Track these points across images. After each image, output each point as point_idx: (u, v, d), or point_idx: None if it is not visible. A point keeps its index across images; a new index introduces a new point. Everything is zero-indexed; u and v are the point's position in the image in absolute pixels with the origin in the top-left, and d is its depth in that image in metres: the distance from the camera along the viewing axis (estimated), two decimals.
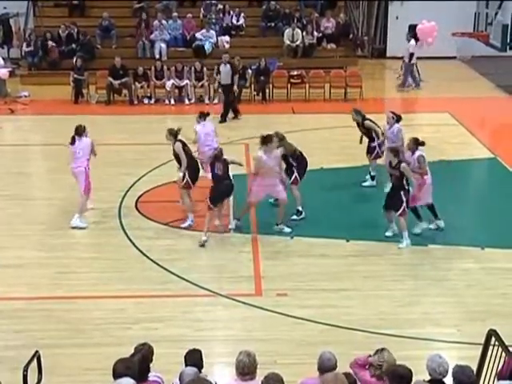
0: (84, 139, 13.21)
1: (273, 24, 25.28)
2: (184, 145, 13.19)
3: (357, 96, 22.25)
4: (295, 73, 22.59)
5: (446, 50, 25.93)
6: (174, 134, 13.18)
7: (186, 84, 22.06)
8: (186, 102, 21.98)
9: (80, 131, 13.24)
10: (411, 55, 23.38)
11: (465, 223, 13.52)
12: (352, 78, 22.81)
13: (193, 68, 22.22)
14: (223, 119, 19.84)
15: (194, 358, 6.97)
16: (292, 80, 22.48)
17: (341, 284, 11.18)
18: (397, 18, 27.49)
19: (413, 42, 23.47)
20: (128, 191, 14.73)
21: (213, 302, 10.75)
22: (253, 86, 21.92)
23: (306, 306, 10.54)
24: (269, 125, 18.57)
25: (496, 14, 22.86)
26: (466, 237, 12.86)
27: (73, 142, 13.20)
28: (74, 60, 22.47)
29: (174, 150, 13.14)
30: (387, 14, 28.26)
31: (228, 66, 20.37)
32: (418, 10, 25.26)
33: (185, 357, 7.03)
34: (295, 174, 13.51)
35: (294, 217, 13.54)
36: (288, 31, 24.53)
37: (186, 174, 13.14)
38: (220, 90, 21.01)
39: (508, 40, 22.15)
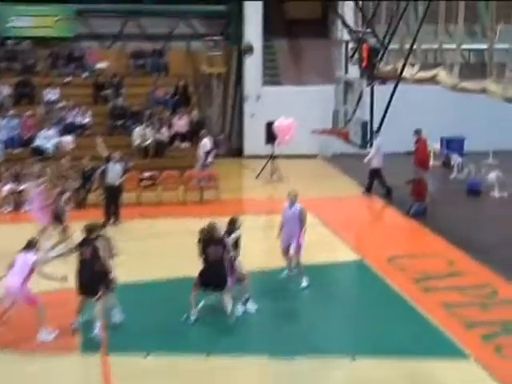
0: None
1: (121, 122, 25.39)
2: None
3: (213, 197, 22.49)
4: (146, 174, 22.59)
5: (306, 147, 26.79)
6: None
7: (26, 188, 21.56)
8: (26, 208, 21.42)
9: None
10: (207, 154, 23.56)
11: (333, 332, 13.71)
12: (208, 179, 23.03)
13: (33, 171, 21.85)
14: (107, 221, 19.64)
15: None
16: (143, 182, 22.47)
17: None
18: (253, 115, 28.24)
19: (206, 140, 23.62)
20: None
21: None
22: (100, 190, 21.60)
23: None
24: (116, 232, 18.37)
25: (355, 110, 23.92)
26: (335, 347, 13.00)
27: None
28: None
29: None
30: (242, 111, 29.01)
31: (118, 165, 20.27)
32: (275, 107, 26.06)
33: None
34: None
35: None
36: (138, 130, 24.66)
37: None
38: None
39: (368, 137, 23.18)
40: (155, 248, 17.51)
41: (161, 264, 16.29)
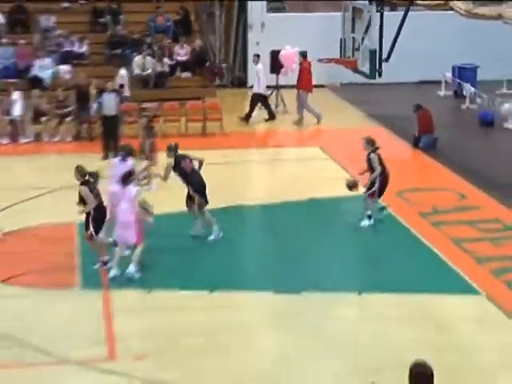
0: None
1: (119, 51, 25.20)
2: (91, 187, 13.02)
3: (217, 130, 22.43)
4: (147, 105, 22.33)
5: (313, 77, 26.62)
6: (82, 174, 13.13)
7: (23, 120, 21.56)
8: (22, 140, 21.47)
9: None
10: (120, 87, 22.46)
11: (340, 267, 13.85)
12: (211, 110, 22.97)
13: (29, 100, 21.84)
14: (106, 156, 19.66)
15: None
16: (144, 113, 22.11)
17: (206, 341, 11.13)
18: (257, 43, 27.99)
19: (123, 71, 23.20)
20: None
21: (59, 370, 10.48)
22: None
23: (167, 367, 10.43)
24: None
25: (363, 38, 23.64)
26: (341, 282, 13.13)
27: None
28: None
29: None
30: (246, 40, 28.82)
31: (113, 94, 20.29)
32: (280, 35, 25.84)
33: None
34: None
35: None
36: (137, 59, 24.48)
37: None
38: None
39: (377, 66, 22.91)
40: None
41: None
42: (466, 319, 11.98)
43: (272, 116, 24.02)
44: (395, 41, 22.50)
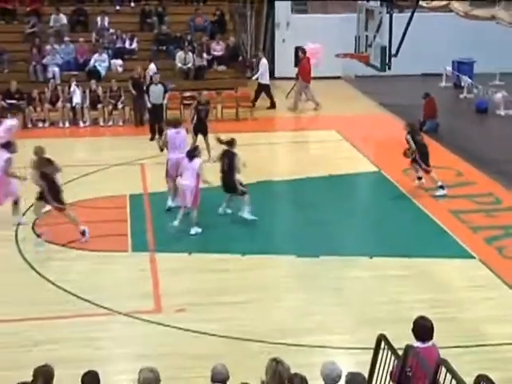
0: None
1: (164, 47, 25.19)
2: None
3: (248, 115, 22.33)
4: (188, 94, 22.47)
5: (331, 70, 26.43)
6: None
7: (82, 107, 21.63)
8: (81, 124, 21.56)
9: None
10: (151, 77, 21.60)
11: (353, 234, 13.79)
12: (243, 99, 22.90)
13: (87, 90, 21.88)
14: (153, 137, 19.58)
15: (90, 380, 6.72)
16: (185, 101, 22.35)
17: (238, 297, 11.15)
18: (283, 40, 27.79)
19: (152, 65, 22.72)
20: (24, 214, 14.28)
21: (112, 320, 10.54)
22: None
23: (204, 319, 10.46)
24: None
25: (375, 36, 23.47)
26: (355, 247, 13.11)
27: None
28: None
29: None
30: (273, 37, 28.59)
31: (159, 85, 20.27)
32: (303, 34, 25.63)
33: (82, 380, 6.75)
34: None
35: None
36: (180, 54, 24.37)
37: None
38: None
39: (387, 60, 22.78)
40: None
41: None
42: (462, 279, 11.94)
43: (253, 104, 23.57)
44: (403, 38, 22.26)
